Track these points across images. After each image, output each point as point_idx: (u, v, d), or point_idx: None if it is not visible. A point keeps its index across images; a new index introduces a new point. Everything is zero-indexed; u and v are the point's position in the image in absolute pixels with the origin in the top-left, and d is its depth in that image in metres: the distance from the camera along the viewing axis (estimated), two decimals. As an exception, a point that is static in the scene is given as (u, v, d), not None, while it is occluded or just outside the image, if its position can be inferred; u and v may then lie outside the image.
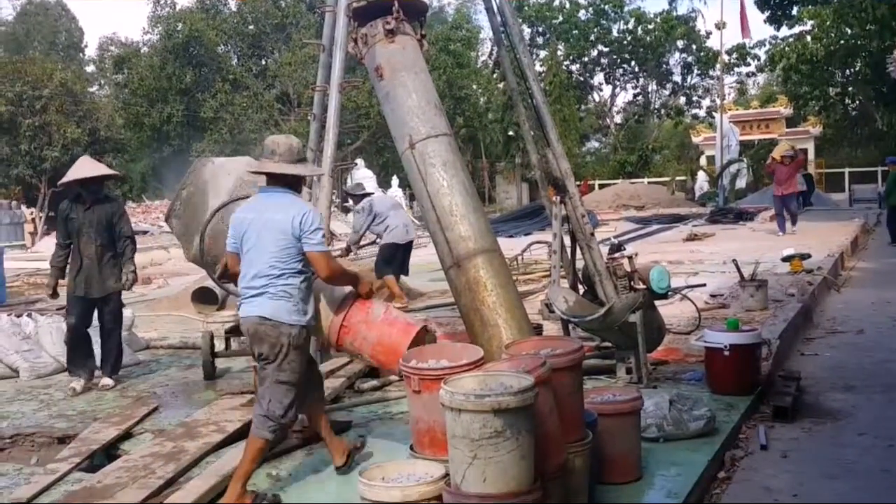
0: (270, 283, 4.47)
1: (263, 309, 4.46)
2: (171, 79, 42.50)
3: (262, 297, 4.48)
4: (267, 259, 4.48)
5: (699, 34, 51.91)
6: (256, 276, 4.51)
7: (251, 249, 4.56)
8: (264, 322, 4.45)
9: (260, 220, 4.55)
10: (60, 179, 7.50)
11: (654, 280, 6.70)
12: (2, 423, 6.29)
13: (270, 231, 4.49)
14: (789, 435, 5.65)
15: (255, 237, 4.54)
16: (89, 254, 7.19)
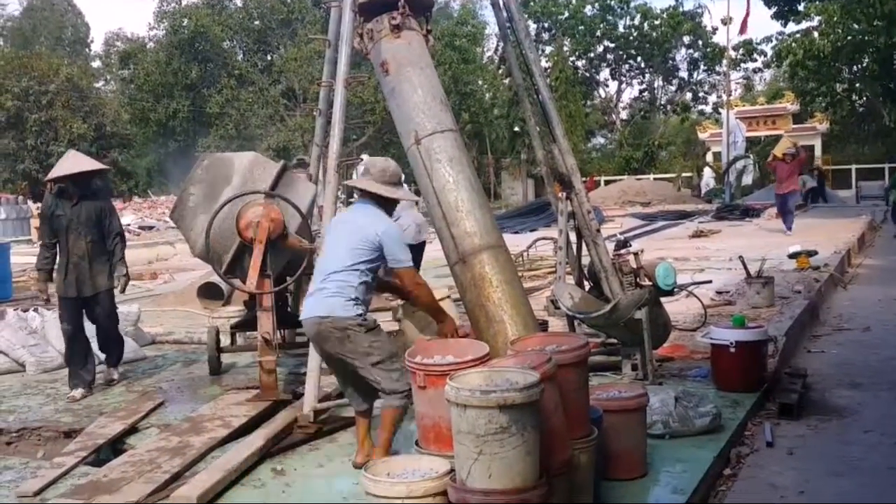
0: (332, 283, 4.62)
1: (320, 309, 4.62)
2: (177, 74, 42.56)
3: (321, 296, 4.64)
4: (338, 256, 4.68)
5: (705, 30, 51.76)
6: (324, 271, 4.72)
7: (329, 249, 4.84)
8: (322, 321, 4.59)
9: (345, 223, 4.89)
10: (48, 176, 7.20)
11: (660, 277, 6.70)
12: (8, 416, 6.31)
13: (349, 232, 4.73)
14: (795, 432, 5.64)
15: (334, 238, 4.86)
16: (79, 251, 6.87)
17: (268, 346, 6.17)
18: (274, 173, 6.48)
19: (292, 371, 7.22)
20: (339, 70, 6.14)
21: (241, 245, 6.26)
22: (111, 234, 7.03)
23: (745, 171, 37.19)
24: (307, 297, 4.80)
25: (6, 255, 13.48)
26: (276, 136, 39.84)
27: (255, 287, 6.18)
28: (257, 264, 6.14)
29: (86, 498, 4.37)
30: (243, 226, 6.20)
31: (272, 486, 4.69)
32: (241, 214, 6.21)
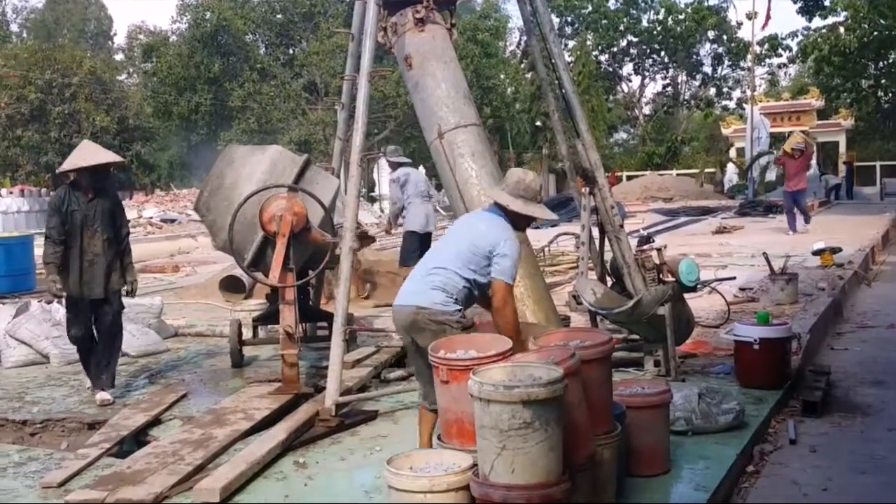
0: (436, 278, 4.52)
1: (420, 299, 4.50)
2: (200, 67, 42.72)
3: (422, 286, 4.54)
4: (448, 255, 4.58)
5: (730, 24, 51.42)
6: (430, 263, 4.63)
7: (442, 243, 4.77)
8: (420, 311, 4.47)
9: (464, 224, 4.85)
10: (62, 167, 6.66)
11: (684, 273, 6.66)
12: (33, 408, 6.36)
13: (466, 234, 4.63)
14: (818, 429, 5.60)
15: (453, 235, 4.76)
16: (95, 249, 6.42)
17: (290, 339, 6.19)
18: (297, 167, 6.50)
19: (314, 364, 7.25)
20: (363, 64, 6.13)
21: (264, 238, 6.28)
22: (123, 232, 6.70)
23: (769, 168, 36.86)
24: (406, 282, 4.68)
25: (29, 246, 13.60)
26: (297, 129, 39.95)
27: (277, 280, 6.20)
28: (280, 258, 6.16)
29: (110, 489, 4.40)
30: (266, 219, 6.21)
31: (294, 478, 4.71)
32: (265, 208, 6.22)
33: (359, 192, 6.15)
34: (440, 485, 3.47)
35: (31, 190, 31.62)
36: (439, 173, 6.92)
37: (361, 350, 7.35)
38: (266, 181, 6.37)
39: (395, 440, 5.23)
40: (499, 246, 4.45)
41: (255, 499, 4.41)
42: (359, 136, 5.99)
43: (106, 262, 6.48)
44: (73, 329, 6.58)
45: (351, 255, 5.87)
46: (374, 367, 6.83)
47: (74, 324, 6.56)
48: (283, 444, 5.06)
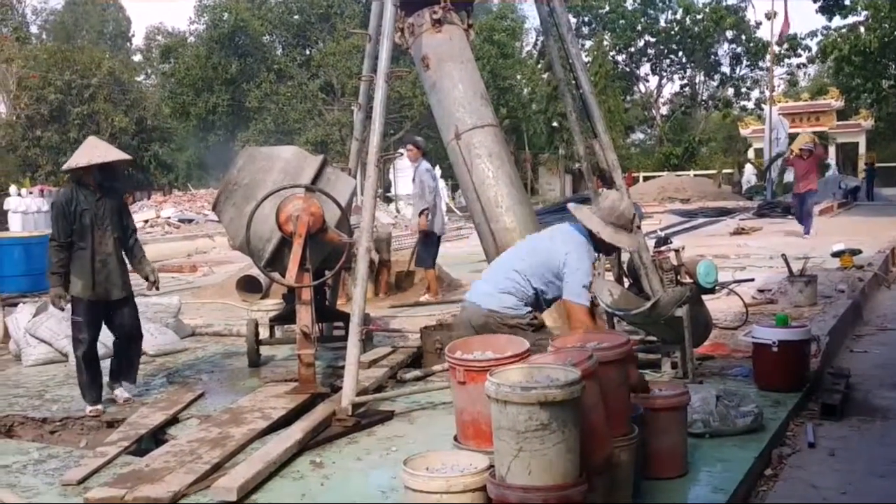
0: (509, 282, 4.61)
1: (492, 302, 4.60)
2: (217, 68, 42.95)
3: (494, 289, 4.65)
4: (521, 261, 4.68)
5: (749, 24, 51.13)
6: (503, 268, 4.73)
7: (522, 245, 4.87)
8: (492, 314, 4.57)
9: (548, 238, 4.88)
10: (70, 162, 6.33)
11: (702, 274, 6.63)
12: (52, 406, 6.41)
13: (543, 248, 4.71)
14: (838, 433, 5.56)
15: (534, 242, 4.87)
16: (106, 249, 6.22)
17: (306, 339, 6.20)
18: (314, 167, 6.51)
19: (330, 364, 7.27)
20: (381, 65, 6.14)
21: (281, 238, 6.30)
22: (130, 230, 6.52)
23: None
24: (481, 280, 4.80)
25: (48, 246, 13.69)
26: (314, 130, 40.10)
27: (294, 280, 6.22)
28: (297, 258, 6.17)
29: (128, 487, 4.42)
30: (283, 219, 6.23)
31: (311, 478, 4.71)
32: (282, 208, 6.24)
33: (376, 193, 6.16)
34: (457, 486, 3.46)
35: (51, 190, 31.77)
36: (456, 174, 6.92)
37: (378, 350, 7.37)
38: (283, 182, 6.39)
39: (411, 441, 5.23)
40: (568, 263, 4.50)
41: (271, 498, 4.42)
42: (376, 136, 6.00)
43: (118, 261, 6.33)
44: (85, 334, 6.27)
45: (367, 257, 5.88)
46: (390, 367, 6.83)
47: (86, 329, 6.28)
48: (299, 443, 5.07)
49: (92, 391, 6.25)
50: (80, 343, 6.28)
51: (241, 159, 6.71)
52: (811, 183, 17.05)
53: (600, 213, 4.63)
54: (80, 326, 6.28)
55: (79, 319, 6.28)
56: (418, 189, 10.66)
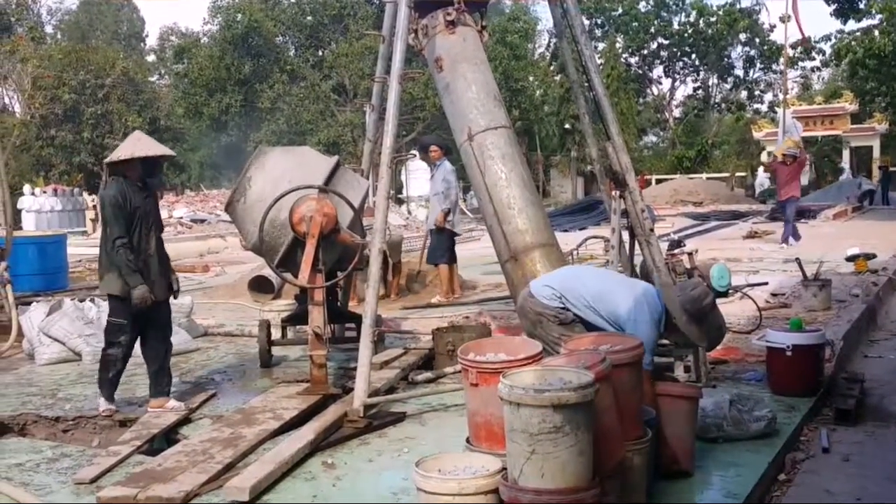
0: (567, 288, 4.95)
1: (535, 286, 5.07)
2: (230, 69, 43.05)
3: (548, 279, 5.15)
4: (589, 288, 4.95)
5: (762, 27, 50.97)
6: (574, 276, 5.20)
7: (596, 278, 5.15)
8: (528, 298, 4.99)
9: (630, 285, 5.12)
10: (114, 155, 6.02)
11: (715, 277, 6.61)
12: (65, 405, 6.43)
13: (625, 293, 4.90)
14: (852, 438, 5.52)
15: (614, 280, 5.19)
16: (150, 249, 5.99)
17: (318, 340, 6.20)
18: (328, 168, 6.52)
19: (342, 366, 7.27)
20: (394, 66, 6.14)
21: (294, 239, 6.30)
22: (162, 230, 6.31)
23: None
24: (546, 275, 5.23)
25: (62, 245, 13.77)
26: (326, 131, 40.15)
27: (306, 281, 6.22)
28: (310, 259, 6.18)
29: (141, 486, 4.43)
30: (296, 220, 6.24)
31: (322, 479, 4.72)
32: (295, 209, 6.25)
33: (388, 194, 6.16)
34: (469, 488, 3.46)
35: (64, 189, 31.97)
36: (469, 175, 6.91)
37: (389, 352, 7.36)
38: (296, 182, 6.39)
39: (423, 442, 5.22)
40: (635, 331, 4.65)
41: (283, 498, 4.43)
42: (389, 137, 6.00)
43: (161, 260, 6.10)
44: (125, 336, 6.00)
45: (380, 258, 5.88)
46: (401, 368, 6.83)
47: (128, 331, 6.00)
48: (311, 444, 5.07)
49: (110, 389, 6.11)
50: (118, 345, 6.00)
51: (255, 160, 6.72)
52: (793, 190, 16.53)
53: (683, 298, 4.87)
54: (122, 328, 6.01)
55: (121, 321, 5.99)
56: (442, 188, 10.69)
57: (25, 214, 29.19)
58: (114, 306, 6.00)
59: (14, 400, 6.59)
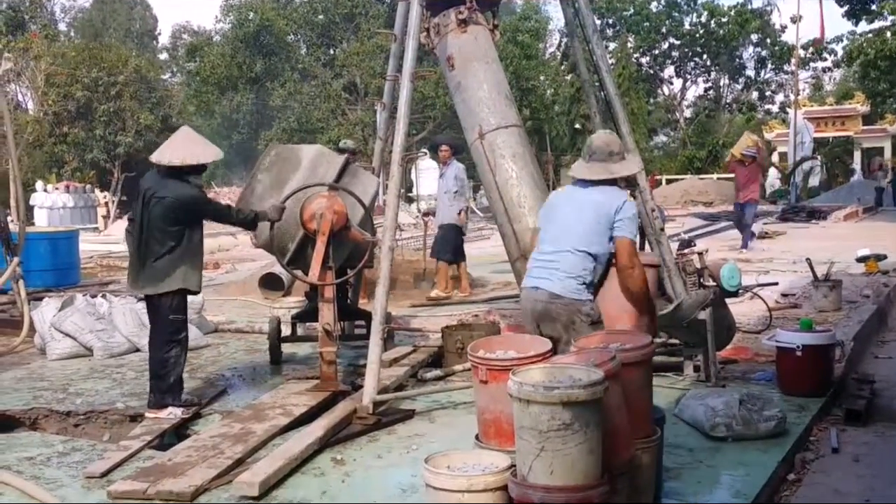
0: (564, 258, 4.49)
1: (553, 286, 4.48)
2: (242, 67, 43.16)
3: (553, 270, 4.51)
4: (570, 234, 4.52)
5: (774, 28, 50.75)
6: (556, 246, 4.56)
7: (557, 222, 4.63)
8: (555, 300, 4.46)
9: (574, 198, 4.66)
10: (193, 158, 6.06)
11: (725, 277, 6.59)
12: (76, 399, 6.47)
13: (583, 208, 4.55)
14: (862, 439, 5.51)
15: (563, 211, 4.64)
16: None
17: (328, 337, 6.22)
18: (338, 166, 6.53)
19: (351, 363, 7.30)
20: (406, 64, 6.15)
21: (304, 236, 6.32)
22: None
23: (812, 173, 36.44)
24: (534, 265, 4.63)
25: (74, 242, 13.84)
26: (336, 129, 40.15)
27: (317, 278, 6.24)
28: (320, 256, 6.20)
29: (151, 481, 4.46)
30: (307, 217, 6.26)
31: (332, 475, 4.74)
32: (306, 206, 6.27)
33: (400, 192, 6.17)
34: (478, 484, 3.47)
35: (76, 186, 32.09)
36: (479, 174, 6.93)
37: (399, 349, 7.38)
38: (307, 180, 6.41)
39: (432, 439, 5.24)
40: (622, 209, 4.47)
41: (293, 494, 4.45)
42: (400, 136, 6.02)
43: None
44: (185, 333, 6.11)
45: (391, 256, 5.89)
46: (411, 366, 6.85)
47: (187, 328, 6.18)
48: (320, 440, 5.09)
49: (180, 390, 6.02)
50: (179, 343, 6.01)
51: (266, 158, 6.74)
52: (753, 192, 15.30)
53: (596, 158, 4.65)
54: (185, 324, 6.13)
55: (185, 318, 6.10)
56: (455, 186, 10.99)
57: (38, 211, 29.33)
58: (178, 303, 5.99)
59: (26, 394, 6.64)
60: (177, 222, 5.88)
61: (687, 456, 4.89)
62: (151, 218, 5.86)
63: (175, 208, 5.83)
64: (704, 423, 5.21)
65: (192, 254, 5.98)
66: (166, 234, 5.85)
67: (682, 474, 4.59)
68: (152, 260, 5.87)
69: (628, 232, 4.50)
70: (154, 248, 5.87)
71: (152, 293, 5.92)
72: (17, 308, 9.51)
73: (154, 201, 5.86)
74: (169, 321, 5.95)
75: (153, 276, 5.89)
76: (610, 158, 4.65)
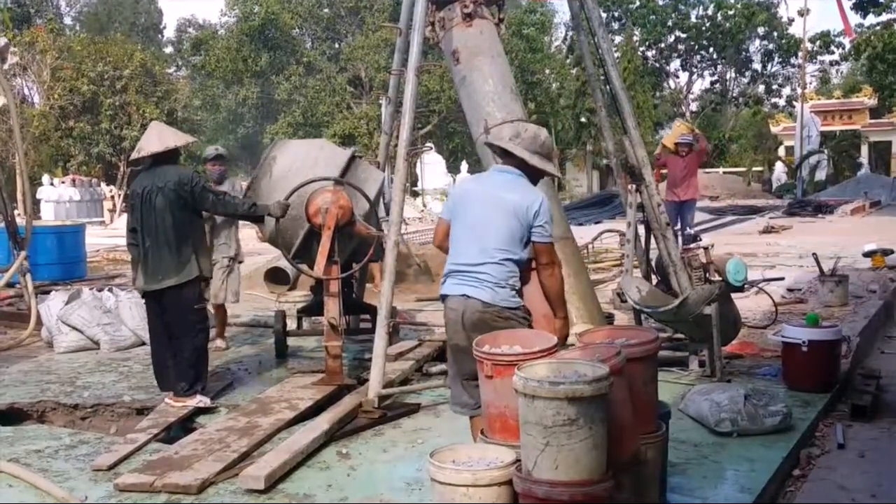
0: (491, 267, 4.22)
1: (484, 294, 4.21)
2: (247, 61, 43.17)
3: (481, 279, 4.23)
4: (492, 240, 4.23)
5: (781, 21, 50.56)
6: (479, 253, 4.25)
7: (476, 225, 4.30)
8: (488, 308, 4.20)
9: (489, 196, 4.31)
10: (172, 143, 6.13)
11: (731, 272, 6.59)
12: (84, 392, 6.49)
13: (501, 211, 4.23)
14: (867, 434, 5.50)
15: (480, 212, 4.30)
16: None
17: (334, 331, 6.24)
18: (343, 160, 6.54)
19: (356, 357, 7.30)
20: (411, 59, 6.14)
21: (309, 231, 6.33)
22: None
23: (819, 167, 36.34)
24: (454, 272, 4.31)
25: (81, 235, 13.87)
26: (342, 123, 40.16)
27: (322, 272, 6.24)
28: (325, 250, 6.20)
29: (158, 473, 4.48)
30: (312, 212, 6.26)
31: (337, 468, 4.75)
32: (311, 201, 6.27)
33: (405, 187, 6.17)
34: (483, 479, 3.47)
35: (83, 180, 32.13)
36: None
37: (404, 343, 7.39)
38: (312, 174, 6.41)
39: (437, 433, 5.25)
40: (540, 212, 4.18)
41: (298, 487, 4.46)
42: (406, 130, 6.02)
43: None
44: (208, 318, 6.36)
45: (396, 250, 5.89)
46: (416, 360, 6.86)
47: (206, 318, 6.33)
48: (326, 434, 5.11)
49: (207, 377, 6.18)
50: (206, 330, 6.20)
51: (272, 152, 6.74)
52: (692, 190, 12.87)
53: (524, 144, 4.30)
54: (206, 311, 6.26)
55: (205, 305, 6.25)
56: None
57: (44, 204, 29.37)
58: (198, 291, 6.07)
59: (33, 387, 6.67)
60: (183, 207, 5.92)
61: (692, 451, 4.89)
62: (157, 211, 5.88)
63: (176, 190, 5.87)
64: (709, 419, 5.21)
65: (201, 241, 6.09)
66: (175, 222, 5.89)
67: (687, 469, 4.60)
68: (168, 252, 5.90)
69: (548, 236, 4.24)
70: (167, 240, 5.90)
71: (175, 284, 5.91)
72: (24, 301, 9.54)
73: (155, 192, 5.89)
74: (194, 311, 6.01)
75: (173, 268, 5.91)
76: (541, 150, 4.35)
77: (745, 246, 14.96)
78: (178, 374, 5.96)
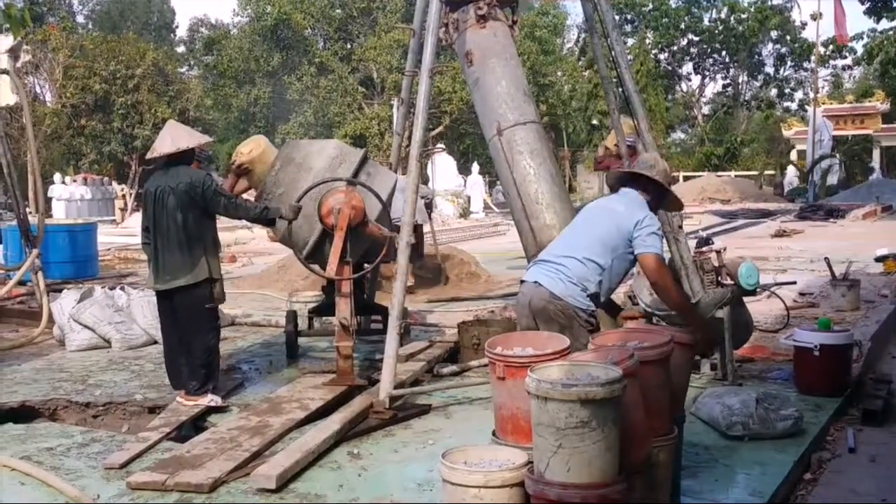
0: (572, 262, 4.48)
1: (556, 286, 4.46)
2: (259, 61, 43.27)
3: (559, 272, 4.49)
4: (583, 240, 4.54)
5: (794, 25, 50.42)
6: (567, 248, 4.56)
7: (576, 226, 4.71)
8: (555, 301, 4.45)
9: (602, 206, 4.74)
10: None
11: (743, 276, 6.56)
12: (95, 391, 6.52)
13: (605, 218, 4.57)
14: (879, 439, 5.48)
15: (587, 216, 4.70)
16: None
17: (345, 331, 6.24)
18: (356, 161, 6.55)
19: (367, 357, 7.31)
20: (425, 60, 6.14)
21: (322, 231, 6.34)
22: None
23: (831, 171, 36.21)
24: (541, 262, 4.64)
25: (93, 234, 13.93)
26: (353, 124, 40.20)
27: (334, 273, 6.25)
28: (337, 250, 6.21)
29: (170, 472, 4.50)
30: (325, 212, 6.27)
31: (348, 469, 4.76)
32: (323, 201, 6.28)
33: (417, 188, 6.17)
34: (495, 480, 3.47)
35: (94, 178, 32.29)
36: (497, 170, 6.91)
37: (415, 344, 7.40)
38: (325, 175, 6.43)
39: (448, 434, 5.26)
40: (643, 224, 4.44)
41: (310, 487, 4.47)
42: (419, 131, 6.02)
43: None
44: (219, 321, 6.42)
45: (408, 251, 5.90)
46: (427, 361, 6.86)
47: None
48: (337, 434, 5.11)
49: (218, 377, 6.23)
50: (218, 329, 6.29)
51: (284, 153, 6.75)
52: None
53: (660, 175, 4.69)
54: (217, 310, 6.30)
55: (216, 305, 6.25)
56: None
57: (56, 203, 29.53)
58: (209, 291, 6.09)
59: (45, 385, 6.70)
60: (194, 208, 5.94)
61: (703, 454, 4.88)
62: (169, 212, 5.92)
63: (187, 191, 5.89)
64: (721, 422, 5.20)
65: (212, 242, 6.10)
66: (186, 223, 5.92)
67: (698, 473, 4.59)
68: (179, 252, 5.93)
69: (649, 247, 4.44)
70: (178, 240, 5.92)
71: (189, 283, 5.94)
72: (36, 299, 9.59)
73: (167, 192, 5.92)
74: (205, 310, 6.06)
75: (183, 268, 5.93)
76: (671, 180, 4.77)
77: (756, 249, 14.92)
78: (190, 373, 5.99)
